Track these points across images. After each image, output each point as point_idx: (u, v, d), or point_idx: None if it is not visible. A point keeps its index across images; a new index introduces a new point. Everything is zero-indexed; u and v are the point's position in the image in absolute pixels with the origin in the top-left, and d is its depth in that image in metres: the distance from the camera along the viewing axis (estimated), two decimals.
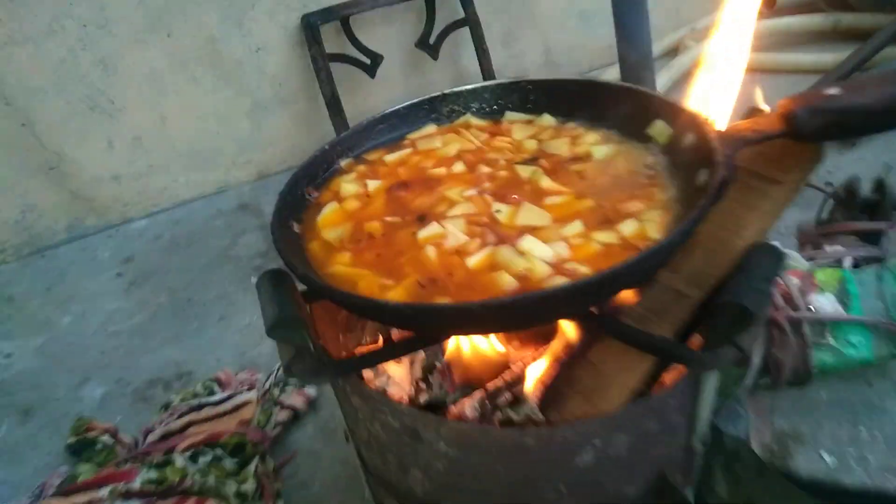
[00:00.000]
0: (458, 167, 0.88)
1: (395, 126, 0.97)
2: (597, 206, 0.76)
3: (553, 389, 0.74)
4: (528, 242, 0.70)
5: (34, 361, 1.74)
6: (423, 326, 0.67)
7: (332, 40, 2.12)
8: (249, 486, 1.23)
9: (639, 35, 1.80)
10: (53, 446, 1.43)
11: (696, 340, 0.73)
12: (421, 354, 0.99)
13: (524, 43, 2.39)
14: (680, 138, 0.78)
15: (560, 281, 0.63)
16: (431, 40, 2.20)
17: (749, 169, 0.73)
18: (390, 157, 0.93)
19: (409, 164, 0.91)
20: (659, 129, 0.84)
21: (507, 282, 0.65)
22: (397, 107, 0.97)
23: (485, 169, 0.87)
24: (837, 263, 1.09)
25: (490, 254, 0.70)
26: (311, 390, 1.47)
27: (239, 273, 1.93)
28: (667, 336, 0.70)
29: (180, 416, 1.31)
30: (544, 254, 0.69)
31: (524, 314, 0.60)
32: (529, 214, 0.76)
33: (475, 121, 0.99)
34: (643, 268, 0.59)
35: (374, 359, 0.72)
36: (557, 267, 0.67)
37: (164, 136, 2.10)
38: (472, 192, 0.82)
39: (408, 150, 0.94)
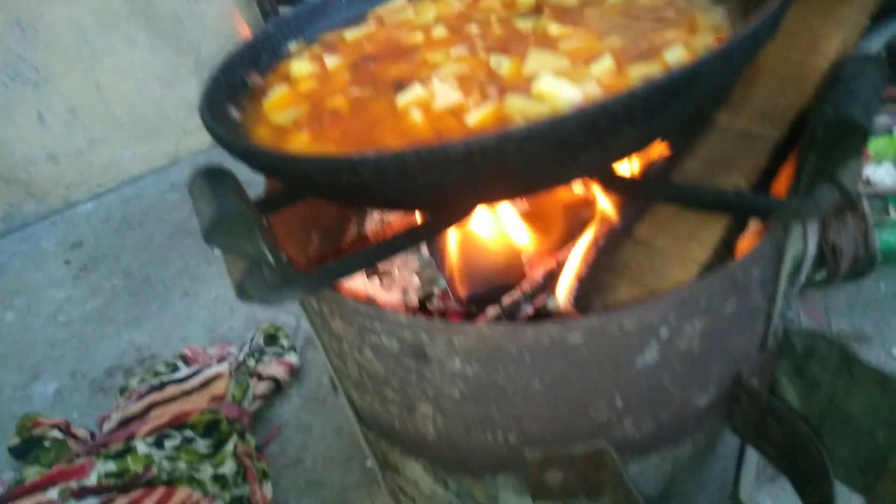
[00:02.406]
0: (440, 31, 0.70)
1: (356, 1, 0.79)
2: (627, 44, 0.59)
3: (592, 281, 0.57)
4: (548, 82, 0.52)
5: None
6: (395, 195, 0.48)
7: None
8: (228, 468, 1.05)
9: None
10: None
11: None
12: (414, 281, 0.82)
13: None
14: None
15: None
16: None
17: None
18: (352, 34, 0.74)
19: (377, 39, 0.73)
20: None
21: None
22: None
23: (474, 29, 0.69)
24: (888, 133, 0.93)
25: (496, 107, 0.53)
26: (292, 358, 1.29)
27: (201, 245, 1.73)
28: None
29: (140, 399, 1.13)
30: (570, 94, 0.51)
31: (545, 156, 0.42)
32: (541, 60, 0.58)
33: None
34: (721, 70, 0.42)
35: (355, 262, 0.55)
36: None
37: (102, 105, 1.88)
38: (460, 49, 0.65)
39: (373, 26, 0.76)
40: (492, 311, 0.69)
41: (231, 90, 0.66)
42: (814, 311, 0.95)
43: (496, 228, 0.75)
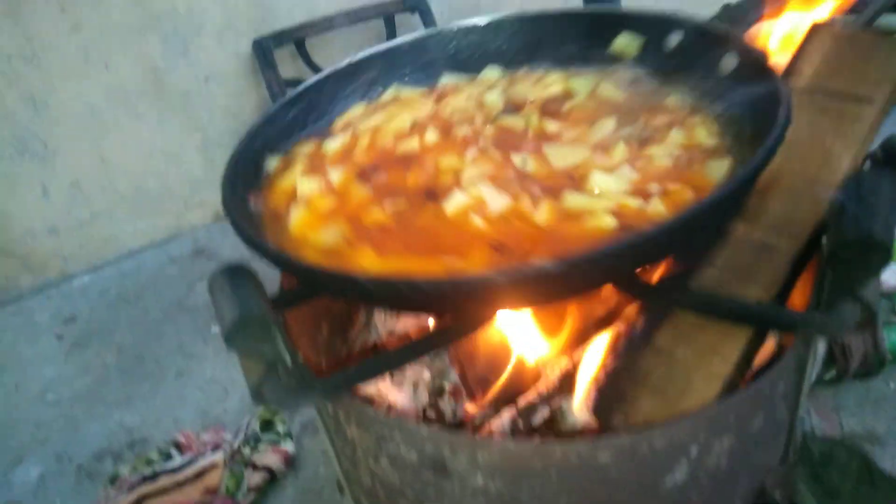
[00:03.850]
0: (431, 136, 0.71)
1: (314, 109, 0.77)
2: (625, 130, 0.64)
3: (612, 390, 0.56)
4: (599, 178, 0.57)
5: None
6: (456, 307, 0.50)
7: (288, 65, 1.97)
8: None
9: None
10: None
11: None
12: (425, 375, 0.80)
13: None
14: (660, 43, 0.72)
15: (658, 206, 0.51)
16: None
17: (826, 87, 0.58)
18: (332, 145, 0.74)
19: (363, 147, 0.73)
20: (625, 42, 0.76)
21: (606, 223, 0.51)
22: (307, 84, 0.78)
23: (463, 130, 0.71)
24: None
25: (555, 205, 0.56)
26: (288, 446, 1.25)
27: (196, 323, 1.72)
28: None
29: (130, 490, 1.08)
30: (617, 185, 0.56)
31: (582, 278, 0.43)
32: (562, 153, 0.63)
33: (407, 90, 0.82)
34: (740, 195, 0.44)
35: (376, 368, 0.54)
36: (640, 192, 0.54)
37: (106, 179, 1.89)
38: (472, 152, 0.66)
39: (347, 135, 0.75)
40: (507, 413, 0.68)
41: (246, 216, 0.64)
42: (824, 410, 0.94)
43: (510, 325, 0.74)
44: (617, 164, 0.58)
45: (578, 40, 0.79)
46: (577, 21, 0.79)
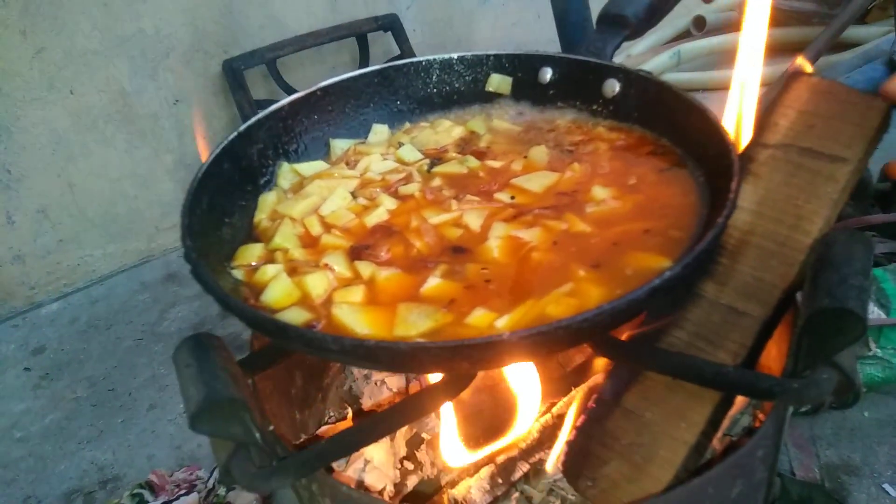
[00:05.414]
0: (388, 203, 0.69)
1: (219, 207, 0.69)
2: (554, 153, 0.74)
3: (583, 450, 0.55)
4: (597, 190, 0.65)
5: None
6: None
7: (260, 85, 1.94)
8: None
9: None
10: None
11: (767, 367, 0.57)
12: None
13: None
14: (534, 77, 0.81)
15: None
16: None
17: (801, 144, 0.58)
18: (285, 240, 0.67)
19: (322, 232, 0.68)
20: (497, 81, 0.84)
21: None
22: (192, 190, 0.65)
23: (411, 188, 0.72)
24: None
25: (579, 216, 0.61)
26: None
27: (169, 351, 1.65)
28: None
29: None
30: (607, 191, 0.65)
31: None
32: (534, 180, 0.68)
33: (304, 166, 0.78)
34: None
35: (350, 443, 0.52)
36: (623, 187, 0.66)
37: (74, 205, 1.85)
38: (453, 203, 0.66)
39: (288, 225, 0.69)
40: (486, 470, 0.67)
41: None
42: (801, 441, 0.95)
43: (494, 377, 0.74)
44: (587, 176, 0.68)
45: (453, 87, 0.87)
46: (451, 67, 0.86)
